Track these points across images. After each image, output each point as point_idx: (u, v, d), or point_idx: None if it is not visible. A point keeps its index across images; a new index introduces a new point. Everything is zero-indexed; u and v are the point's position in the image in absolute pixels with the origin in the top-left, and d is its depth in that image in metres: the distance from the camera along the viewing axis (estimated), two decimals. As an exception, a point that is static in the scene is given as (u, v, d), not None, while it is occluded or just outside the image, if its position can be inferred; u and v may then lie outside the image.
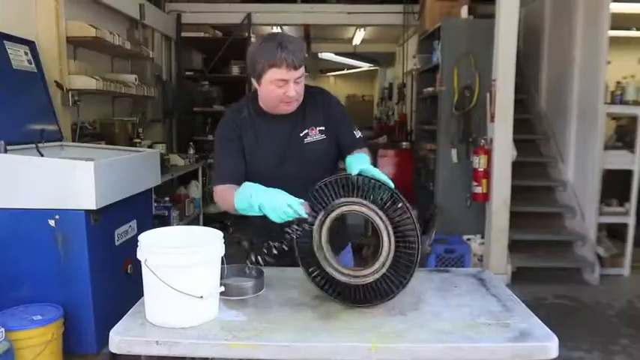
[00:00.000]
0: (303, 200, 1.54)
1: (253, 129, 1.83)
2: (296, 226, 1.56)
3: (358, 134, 1.92)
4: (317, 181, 1.68)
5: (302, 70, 1.71)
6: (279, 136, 1.83)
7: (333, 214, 1.62)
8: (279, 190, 1.55)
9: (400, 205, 1.51)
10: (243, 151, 1.82)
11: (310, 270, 1.65)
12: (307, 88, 1.84)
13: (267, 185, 1.60)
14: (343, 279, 1.61)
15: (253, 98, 1.86)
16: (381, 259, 1.55)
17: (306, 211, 1.52)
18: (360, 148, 1.86)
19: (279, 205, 1.50)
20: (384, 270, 1.55)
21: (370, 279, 1.57)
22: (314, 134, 1.86)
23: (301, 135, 1.84)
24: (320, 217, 1.62)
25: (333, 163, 1.93)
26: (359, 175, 1.55)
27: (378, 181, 1.53)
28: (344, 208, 1.61)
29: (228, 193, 1.67)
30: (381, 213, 1.54)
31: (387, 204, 1.53)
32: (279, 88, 1.70)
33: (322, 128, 1.87)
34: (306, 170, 1.82)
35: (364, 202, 1.57)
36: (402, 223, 1.52)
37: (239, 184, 1.65)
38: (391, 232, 1.53)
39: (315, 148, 1.85)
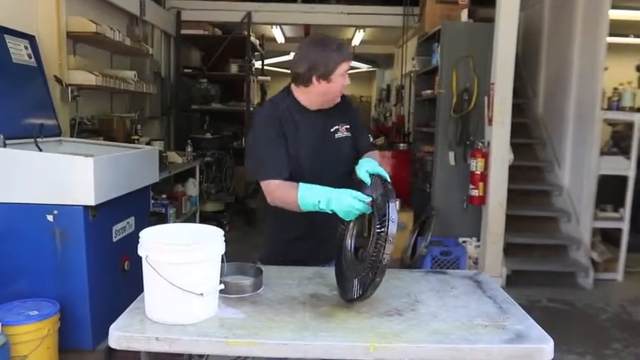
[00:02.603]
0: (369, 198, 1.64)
1: (293, 122, 1.90)
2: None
3: (370, 138, 2.10)
4: (344, 176, 1.93)
5: None
6: (315, 130, 1.93)
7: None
8: (345, 190, 1.65)
9: (386, 205, 1.53)
10: (287, 146, 1.88)
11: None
12: None
13: (303, 177, 1.78)
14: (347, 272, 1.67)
15: (288, 96, 1.94)
16: (366, 260, 1.58)
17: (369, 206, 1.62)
18: (372, 151, 2.02)
19: (351, 203, 1.61)
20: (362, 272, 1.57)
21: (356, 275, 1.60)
22: (343, 131, 1.98)
23: (332, 130, 1.96)
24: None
25: (353, 161, 2.01)
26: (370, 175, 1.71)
27: (384, 181, 1.65)
28: None
29: (290, 192, 1.74)
30: (375, 214, 1.59)
31: (379, 202, 1.60)
32: (344, 78, 1.86)
33: (348, 127, 2.00)
34: (336, 165, 1.96)
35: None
36: (383, 225, 1.53)
37: (288, 178, 1.81)
38: (375, 232, 1.55)
39: (343, 144, 1.98)
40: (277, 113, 1.89)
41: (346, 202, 1.62)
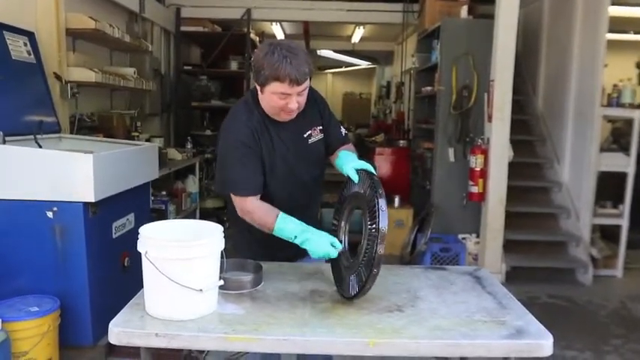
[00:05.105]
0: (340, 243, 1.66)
1: (268, 133, 1.81)
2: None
3: (343, 130, 1.99)
4: (319, 178, 1.92)
5: (306, 83, 1.69)
6: (289, 139, 1.84)
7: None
8: (322, 233, 1.64)
9: (377, 202, 1.53)
10: (262, 159, 1.80)
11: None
12: None
13: (282, 187, 1.77)
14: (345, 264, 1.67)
15: (257, 101, 1.81)
16: (360, 256, 1.58)
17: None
18: (347, 144, 1.95)
19: (326, 250, 1.61)
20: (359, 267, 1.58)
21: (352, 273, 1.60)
22: (316, 134, 1.91)
23: (305, 136, 1.88)
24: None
25: (326, 158, 1.99)
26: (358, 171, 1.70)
27: (371, 176, 1.64)
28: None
29: (267, 217, 1.70)
30: (367, 210, 1.59)
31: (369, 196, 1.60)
32: (281, 99, 1.69)
33: (320, 127, 1.92)
34: (311, 169, 1.91)
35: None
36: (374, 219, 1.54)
37: (261, 192, 1.77)
38: (367, 228, 1.56)
39: (317, 147, 1.91)
40: (250, 125, 1.77)
41: (321, 249, 1.61)
